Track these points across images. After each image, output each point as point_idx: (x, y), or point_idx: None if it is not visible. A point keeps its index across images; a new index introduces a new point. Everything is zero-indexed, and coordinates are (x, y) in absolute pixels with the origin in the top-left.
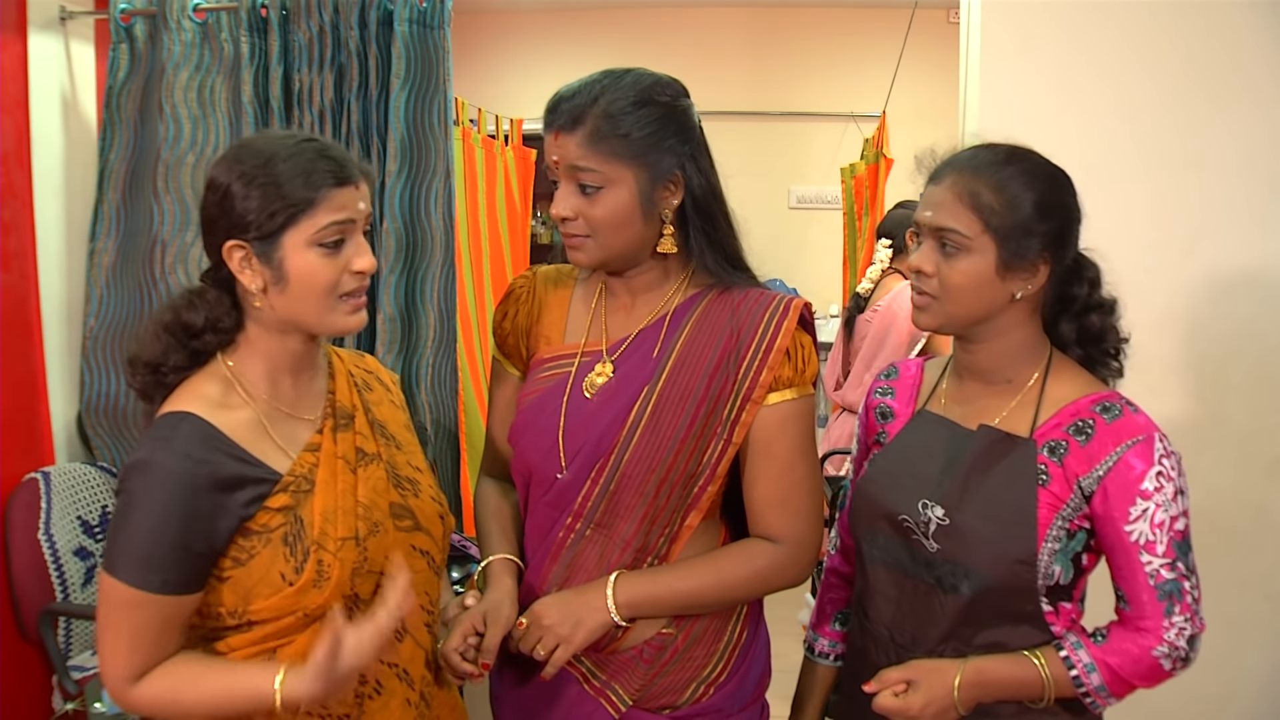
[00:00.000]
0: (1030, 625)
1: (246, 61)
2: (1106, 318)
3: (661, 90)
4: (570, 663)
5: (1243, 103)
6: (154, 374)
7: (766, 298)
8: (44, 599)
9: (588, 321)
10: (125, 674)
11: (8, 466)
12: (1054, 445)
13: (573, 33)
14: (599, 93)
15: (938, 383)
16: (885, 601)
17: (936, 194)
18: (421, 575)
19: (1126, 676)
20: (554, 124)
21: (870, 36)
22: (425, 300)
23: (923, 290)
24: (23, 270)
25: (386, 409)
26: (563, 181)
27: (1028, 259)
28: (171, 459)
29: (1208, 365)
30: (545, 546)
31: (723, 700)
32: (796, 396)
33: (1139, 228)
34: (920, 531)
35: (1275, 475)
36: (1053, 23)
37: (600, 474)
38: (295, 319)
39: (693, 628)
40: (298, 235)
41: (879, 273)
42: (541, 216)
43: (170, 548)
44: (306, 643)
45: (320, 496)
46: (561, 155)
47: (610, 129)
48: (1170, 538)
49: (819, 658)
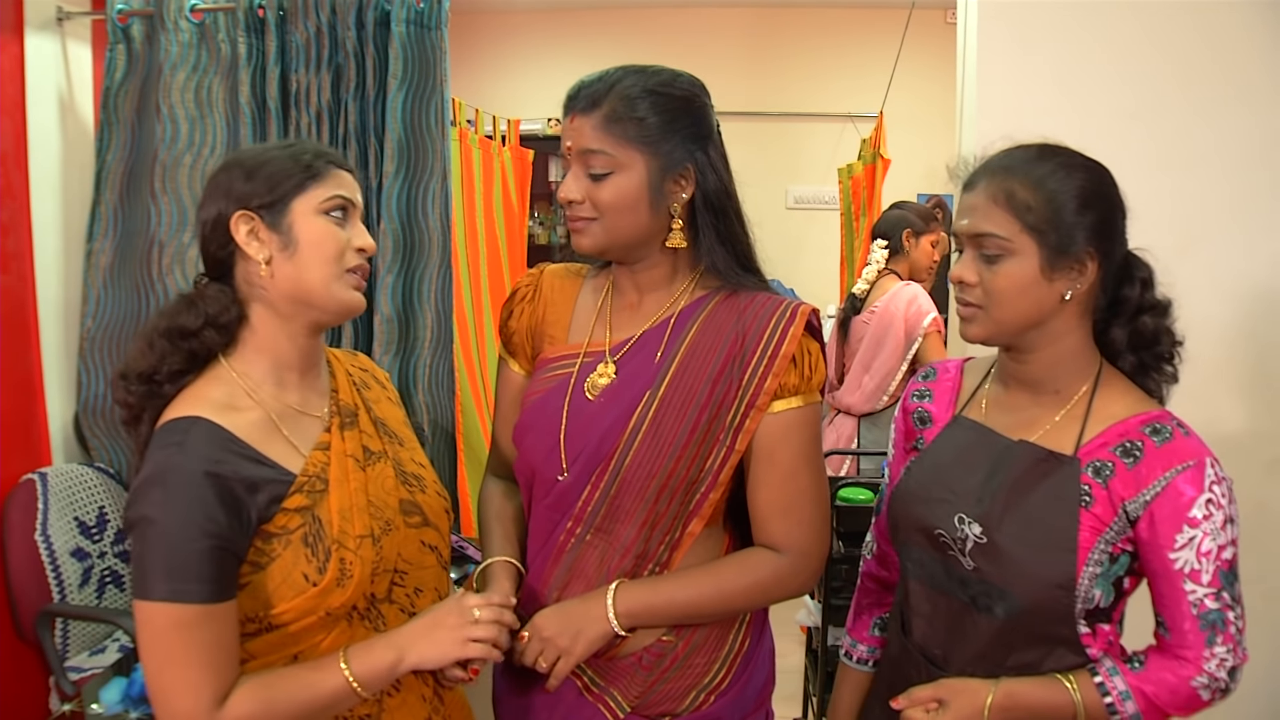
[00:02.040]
0: (1065, 648)
1: (244, 62)
2: (1160, 319)
3: (680, 84)
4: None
5: (1239, 104)
6: (148, 384)
7: (773, 303)
8: (41, 600)
9: (593, 321)
10: (206, 702)
11: (4, 468)
12: (1099, 466)
13: (570, 33)
14: (618, 78)
15: (978, 387)
16: (919, 616)
17: (970, 200)
18: (431, 571)
19: (1163, 705)
20: (572, 108)
21: (867, 37)
22: (422, 301)
23: (967, 301)
24: (20, 271)
25: (385, 407)
26: (573, 166)
27: (1072, 254)
28: (187, 462)
29: (1205, 367)
30: (546, 550)
31: (724, 708)
32: (803, 404)
33: (1135, 229)
34: (957, 548)
35: (1273, 475)
36: (1049, 23)
37: (601, 478)
38: (301, 290)
39: (693, 635)
40: (307, 202)
41: (875, 273)
42: (539, 217)
43: (203, 551)
44: (331, 645)
45: (335, 495)
46: (575, 139)
47: (626, 111)
48: (1217, 567)
49: (857, 664)
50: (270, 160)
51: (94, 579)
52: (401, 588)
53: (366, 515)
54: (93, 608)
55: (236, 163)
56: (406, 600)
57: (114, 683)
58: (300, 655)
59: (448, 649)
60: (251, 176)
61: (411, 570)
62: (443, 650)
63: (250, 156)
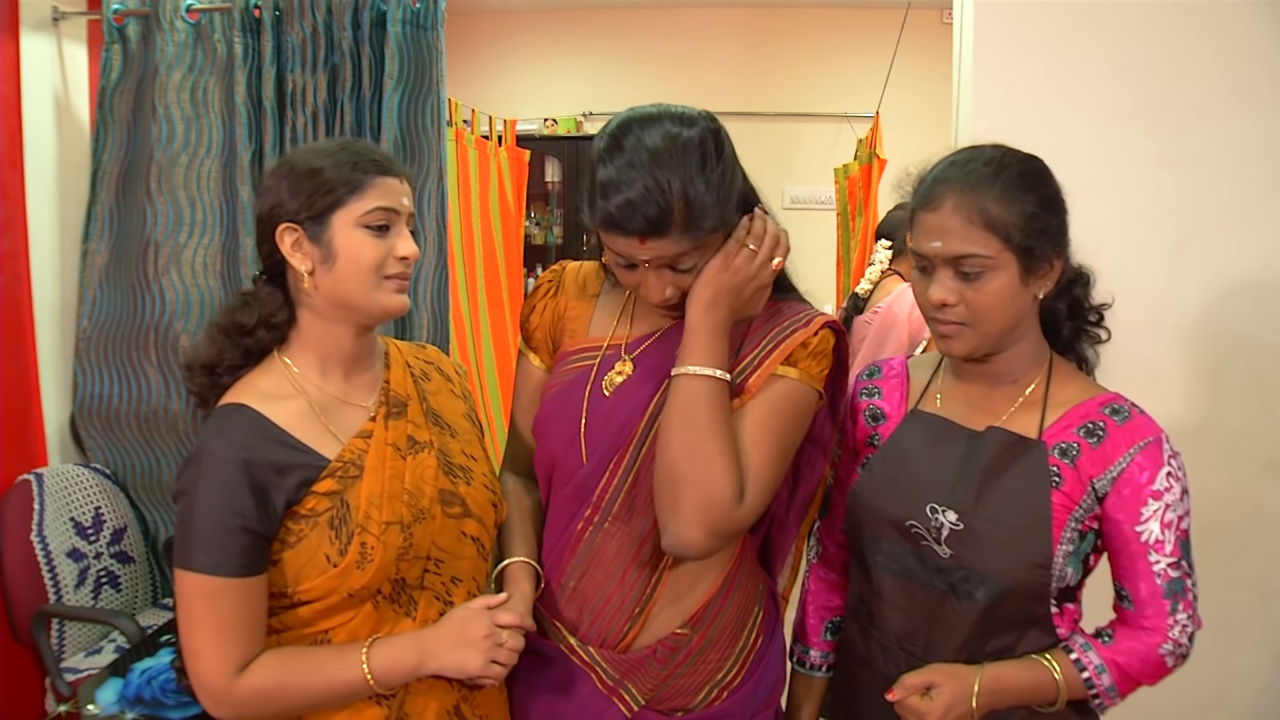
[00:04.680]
0: (1038, 629)
1: (240, 62)
2: (1086, 288)
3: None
4: (584, 659)
5: (1234, 103)
6: (210, 375)
7: (792, 309)
8: (37, 601)
9: (615, 316)
10: (227, 667)
11: (0, 468)
12: (1065, 447)
13: (566, 34)
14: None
15: (929, 382)
16: (894, 610)
17: (940, 220)
18: (470, 561)
19: (1134, 675)
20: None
21: (864, 37)
22: (419, 300)
23: (949, 320)
24: (15, 271)
25: (445, 398)
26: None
27: (1045, 259)
28: (223, 446)
29: (1200, 366)
30: (564, 540)
31: (736, 705)
32: (799, 377)
33: (1131, 228)
34: (931, 537)
35: (1268, 475)
36: (1045, 23)
37: (619, 465)
38: (343, 298)
39: (708, 630)
40: (346, 216)
41: (878, 274)
42: (535, 217)
43: (234, 530)
44: (360, 625)
45: (368, 481)
46: (655, 255)
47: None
48: (1176, 537)
49: (812, 670)
50: (317, 170)
51: (90, 580)
52: (437, 575)
53: (399, 502)
54: (89, 608)
55: (288, 169)
56: (442, 589)
57: (110, 683)
58: (330, 631)
59: (469, 665)
60: (297, 188)
61: (448, 559)
62: (464, 666)
63: (301, 163)
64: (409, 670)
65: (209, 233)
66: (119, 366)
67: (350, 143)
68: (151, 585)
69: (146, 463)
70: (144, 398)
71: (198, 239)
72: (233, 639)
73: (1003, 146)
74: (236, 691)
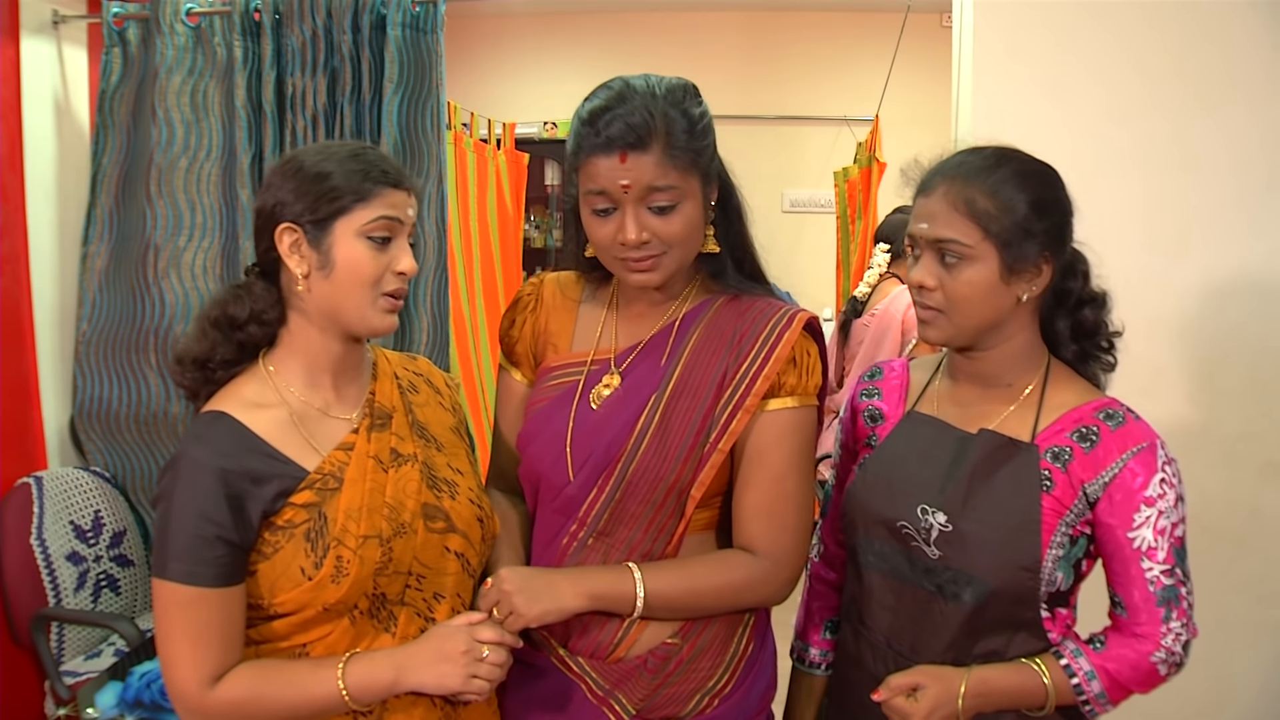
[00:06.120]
0: (1028, 632)
1: (239, 65)
2: (1099, 311)
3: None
4: (574, 670)
5: (1234, 104)
6: (202, 370)
7: (772, 307)
8: (36, 604)
9: (598, 329)
10: (200, 676)
11: (0, 471)
12: (1057, 451)
13: (565, 37)
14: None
15: (928, 383)
16: (882, 609)
17: (929, 205)
18: (453, 577)
19: (1125, 683)
20: (620, 148)
21: (863, 40)
22: (418, 305)
23: (927, 305)
24: (15, 274)
25: (432, 411)
26: (631, 205)
27: (1030, 260)
28: (202, 454)
29: (1199, 368)
30: (550, 553)
31: (727, 712)
32: (798, 405)
33: (1131, 230)
34: (920, 538)
35: (1267, 478)
36: (1045, 26)
37: (606, 483)
38: (334, 309)
39: (698, 639)
40: (349, 224)
41: (876, 277)
42: (535, 221)
43: (209, 539)
44: (338, 640)
45: (347, 494)
46: (635, 178)
47: (686, 143)
48: (1170, 544)
49: (811, 668)
50: (326, 175)
51: (89, 583)
52: (419, 591)
53: (378, 516)
54: (88, 612)
55: (296, 168)
56: (423, 604)
57: (109, 687)
58: (308, 645)
59: (449, 682)
60: (302, 190)
61: (430, 575)
62: (444, 683)
63: (310, 164)
64: (385, 686)
65: (209, 236)
66: (119, 369)
67: (362, 150)
68: (151, 589)
69: (146, 466)
70: (143, 401)
71: (197, 242)
72: (208, 648)
73: (1015, 149)
74: (210, 702)
